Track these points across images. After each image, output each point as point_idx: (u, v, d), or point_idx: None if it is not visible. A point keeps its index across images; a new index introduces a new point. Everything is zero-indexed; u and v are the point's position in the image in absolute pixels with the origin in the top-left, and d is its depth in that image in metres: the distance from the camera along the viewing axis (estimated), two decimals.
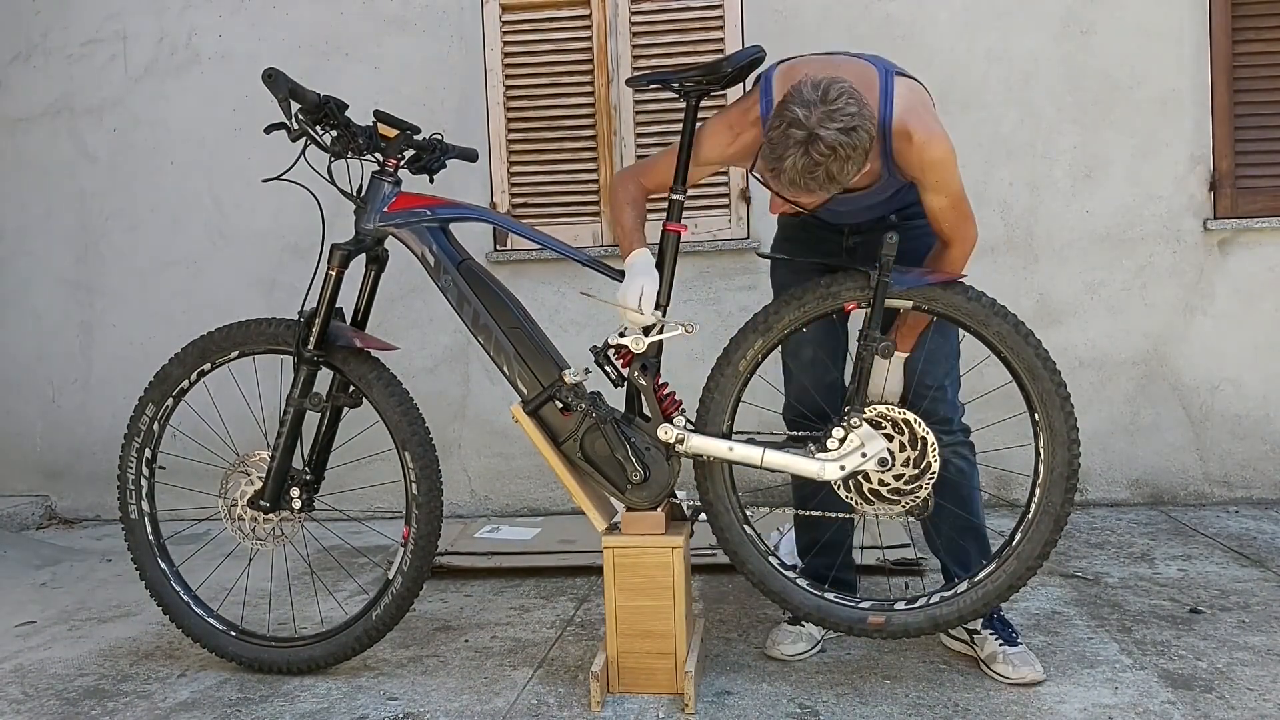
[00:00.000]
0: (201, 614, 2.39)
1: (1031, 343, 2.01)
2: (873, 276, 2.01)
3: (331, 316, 2.27)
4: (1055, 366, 2.03)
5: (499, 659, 2.41)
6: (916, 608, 2.11)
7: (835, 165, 1.83)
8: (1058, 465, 2.03)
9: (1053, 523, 2.04)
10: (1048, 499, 2.04)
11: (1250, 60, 3.61)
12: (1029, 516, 2.07)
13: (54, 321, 4.20)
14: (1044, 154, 3.70)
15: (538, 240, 2.23)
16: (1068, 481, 2.03)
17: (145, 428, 2.38)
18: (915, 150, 1.96)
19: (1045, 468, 2.04)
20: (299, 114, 2.17)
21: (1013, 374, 2.06)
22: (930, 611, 2.10)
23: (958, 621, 2.10)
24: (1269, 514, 3.50)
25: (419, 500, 2.24)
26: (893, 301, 2.05)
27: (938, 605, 2.10)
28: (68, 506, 4.21)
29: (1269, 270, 3.64)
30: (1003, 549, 2.10)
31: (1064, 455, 2.03)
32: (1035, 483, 2.06)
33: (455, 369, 3.99)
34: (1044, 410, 2.03)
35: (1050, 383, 2.02)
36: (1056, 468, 2.03)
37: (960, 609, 2.09)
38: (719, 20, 3.79)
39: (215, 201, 4.08)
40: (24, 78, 4.17)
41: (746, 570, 2.17)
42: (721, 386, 2.13)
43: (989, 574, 2.09)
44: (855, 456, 2.04)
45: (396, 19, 3.97)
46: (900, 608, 2.12)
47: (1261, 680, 2.11)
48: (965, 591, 2.10)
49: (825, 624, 2.15)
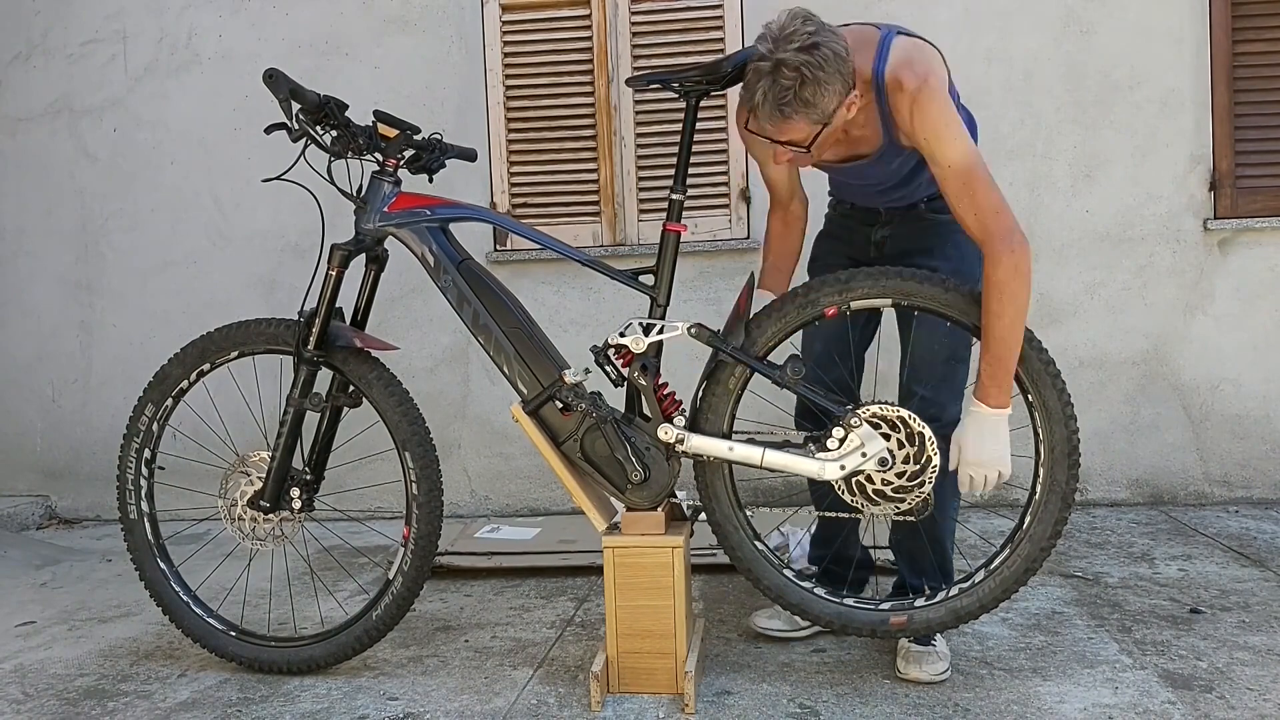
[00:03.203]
0: (201, 614, 2.39)
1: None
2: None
3: (331, 316, 2.27)
4: (1042, 346, 2.02)
5: (499, 659, 2.41)
6: (937, 602, 2.10)
7: (807, 89, 1.83)
8: (1057, 443, 2.02)
9: (1060, 500, 2.03)
10: (1052, 478, 2.04)
11: (1250, 60, 3.61)
12: (1036, 498, 2.05)
13: (54, 321, 4.20)
14: (1044, 154, 3.70)
15: (538, 240, 2.23)
16: (1070, 458, 2.02)
17: (144, 428, 2.38)
18: (905, 98, 1.92)
19: (1045, 447, 2.04)
20: (300, 114, 2.17)
21: None
22: (951, 604, 2.09)
23: (980, 611, 2.08)
24: (1269, 514, 3.50)
25: (419, 500, 2.24)
26: (869, 301, 2.06)
27: (957, 598, 2.09)
28: (68, 506, 4.21)
29: (1269, 270, 3.64)
30: (1014, 533, 2.08)
31: (1062, 432, 2.02)
32: (1038, 463, 2.05)
33: (455, 369, 3.99)
34: (1036, 390, 2.02)
35: (1039, 361, 2.01)
36: (1057, 445, 2.02)
37: (981, 598, 2.08)
38: (719, 20, 3.79)
39: (215, 201, 4.08)
40: (24, 78, 4.17)
41: (763, 587, 2.16)
42: (714, 404, 2.14)
43: (1004, 560, 2.07)
44: (855, 456, 2.04)
45: (396, 19, 3.97)
46: (920, 604, 2.11)
47: (1261, 680, 2.11)
48: (983, 581, 2.08)
49: (848, 631, 2.14)
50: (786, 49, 1.83)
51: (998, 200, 1.91)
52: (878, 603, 2.15)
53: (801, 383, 2.07)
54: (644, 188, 3.85)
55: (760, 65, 1.86)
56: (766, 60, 1.85)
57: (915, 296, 2.04)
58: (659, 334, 2.11)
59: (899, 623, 2.10)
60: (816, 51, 1.83)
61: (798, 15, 1.87)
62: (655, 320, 2.12)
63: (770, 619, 2.41)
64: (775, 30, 1.87)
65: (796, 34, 1.84)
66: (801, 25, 1.85)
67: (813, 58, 1.82)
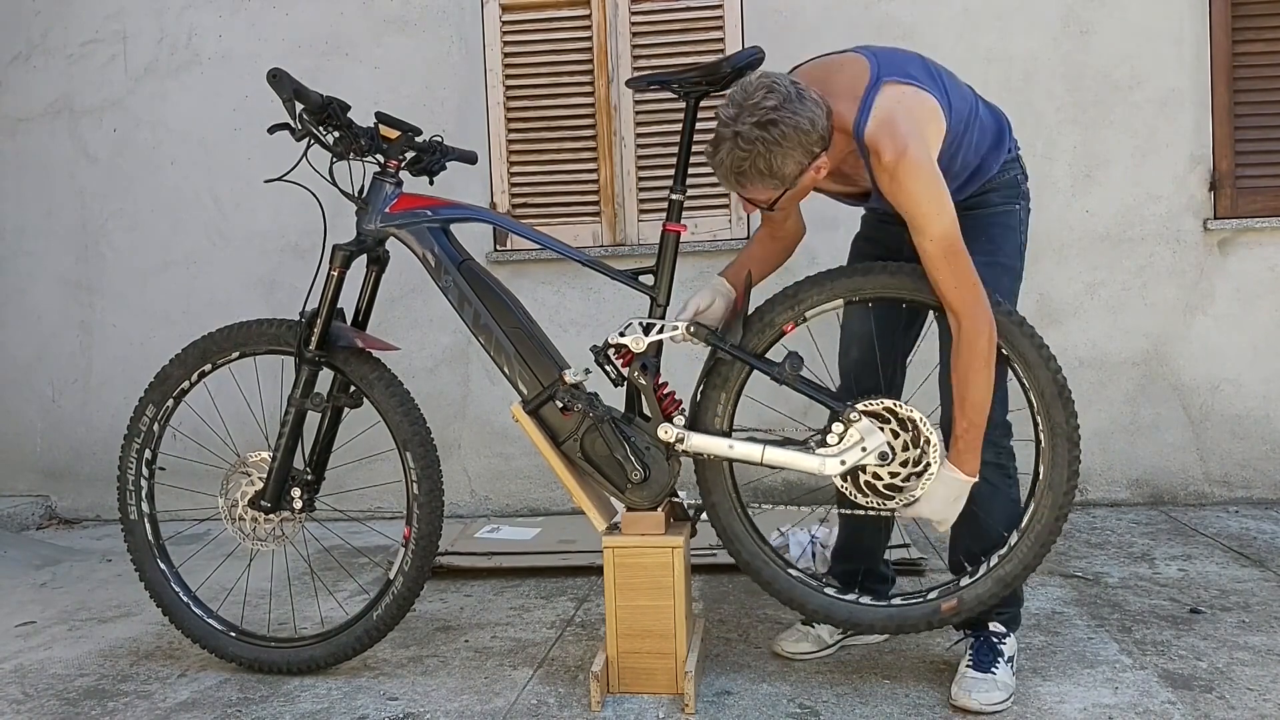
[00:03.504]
0: (201, 614, 2.39)
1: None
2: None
3: (333, 317, 2.27)
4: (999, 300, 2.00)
5: (499, 659, 2.41)
6: (981, 576, 2.08)
7: (762, 161, 1.85)
8: (1044, 385, 2.01)
9: (1067, 442, 2.02)
10: (1051, 420, 2.02)
11: (1250, 60, 3.61)
12: (1043, 446, 2.04)
13: (54, 321, 4.20)
14: (1044, 154, 3.70)
15: (538, 240, 2.23)
16: (1061, 398, 2.01)
17: (145, 428, 2.38)
18: (885, 172, 1.89)
19: (1034, 393, 2.02)
20: (303, 114, 2.17)
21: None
22: (995, 574, 2.07)
23: (1025, 572, 2.06)
24: (1269, 514, 3.50)
25: (420, 500, 2.24)
26: (822, 307, 2.08)
27: (999, 566, 2.07)
28: (68, 506, 4.21)
29: (1269, 270, 3.64)
30: (1033, 486, 2.07)
31: (1045, 375, 2.01)
32: (1032, 411, 2.04)
33: (455, 369, 3.99)
34: (1007, 342, 2.01)
35: (1002, 314, 1.99)
36: (1044, 388, 2.01)
37: (1023, 558, 2.06)
38: (719, 20, 3.79)
39: (215, 201, 4.08)
40: (24, 78, 4.17)
41: (809, 611, 2.15)
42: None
43: (1032, 515, 2.06)
44: (855, 451, 2.04)
45: (396, 19, 3.97)
46: (966, 583, 2.09)
47: (1261, 680, 2.11)
48: (1019, 542, 2.07)
49: (904, 630, 2.12)
50: (745, 121, 1.84)
51: (974, 271, 1.92)
52: (925, 593, 2.12)
53: (800, 379, 2.07)
54: (644, 188, 3.85)
55: (722, 131, 1.88)
56: (726, 126, 1.87)
57: (863, 289, 2.06)
58: (659, 334, 2.11)
59: (950, 607, 2.08)
60: (774, 128, 1.83)
61: (763, 85, 1.86)
62: (655, 320, 2.12)
63: (798, 642, 2.32)
64: (740, 97, 1.87)
65: (757, 106, 1.84)
66: (764, 97, 1.84)
67: (769, 134, 1.83)
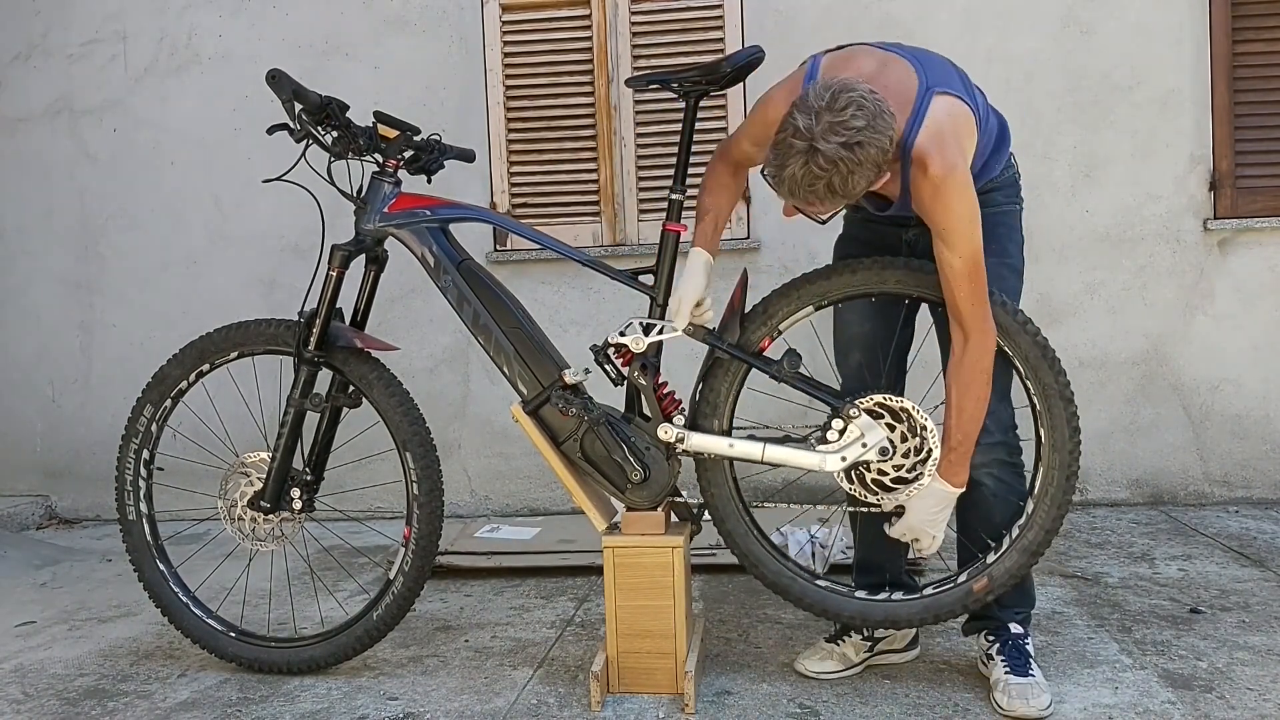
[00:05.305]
0: (200, 615, 2.39)
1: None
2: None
3: (332, 317, 2.27)
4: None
5: (499, 659, 2.41)
6: (1006, 550, 2.08)
7: (838, 179, 1.74)
8: (1027, 350, 2.01)
9: (1061, 400, 2.02)
10: (1040, 382, 2.02)
11: (1250, 60, 3.61)
12: (1039, 407, 2.04)
13: (54, 321, 4.20)
14: (1044, 154, 3.70)
15: (538, 240, 2.23)
16: (1045, 358, 2.01)
17: (143, 429, 2.38)
18: (929, 185, 1.83)
19: (1018, 359, 2.02)
20: (302, 114, 2.17)
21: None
22: (1019, 545, 2.07)
23: (1047, 540, 2.06)
24: (1269, 514, 3.50)
25: (420, 500, 2.24)
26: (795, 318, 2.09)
27: (1021, 537, 2.07)
28: (68, 506, 4.21)
29: (1269, 270, 3.64)
30: (1038, 449, 2.07)
31: (1026, 341, 2.01)
32: (1021, 377, 2.04)
33: (455, 369, 3.99)
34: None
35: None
36: (1027, 352, 2.01)
37: (1043, 526, 2.05)
38: (719, 20, 3.79)
39: (215, 201, 4.08)
40: (24, 78, 4.17)
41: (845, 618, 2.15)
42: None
43: (1043, 478, 2.05)
44: (856, 447, 2.03)
45: (396, 19, 3.97)
46: (992, 559, 2.08)
47: (1261, 680, 2.11)
48: (1035, 511, 2.07)
49: (940, 618, 2.11)
50: (830, 140, 1.70)
51: (985, 292, 1.91)
52: (954, 577, 2.12)
53: (798, 376, 2.07)
54: (644, 188, 3.85)
55: (796, 142, 1.73)
56: (803, 138, 1.72)
57: (830, 292, 2.07)
58: (659, 333, 2.11)
59: (983, 586, 2.07)
60: (860, 150, 1.72)
61: (852, 101, 1.72)
62: (655, 320, 2.12)
63: (823, 661, 2.23)
64: (822, 104, 1.72)
65: (845, 126, 1.70)
66: (853, 116, 1.71)
67: (854, 155, 1.72)
